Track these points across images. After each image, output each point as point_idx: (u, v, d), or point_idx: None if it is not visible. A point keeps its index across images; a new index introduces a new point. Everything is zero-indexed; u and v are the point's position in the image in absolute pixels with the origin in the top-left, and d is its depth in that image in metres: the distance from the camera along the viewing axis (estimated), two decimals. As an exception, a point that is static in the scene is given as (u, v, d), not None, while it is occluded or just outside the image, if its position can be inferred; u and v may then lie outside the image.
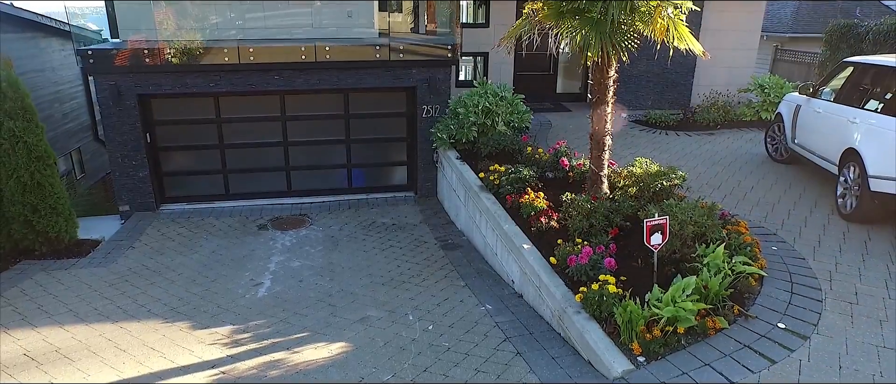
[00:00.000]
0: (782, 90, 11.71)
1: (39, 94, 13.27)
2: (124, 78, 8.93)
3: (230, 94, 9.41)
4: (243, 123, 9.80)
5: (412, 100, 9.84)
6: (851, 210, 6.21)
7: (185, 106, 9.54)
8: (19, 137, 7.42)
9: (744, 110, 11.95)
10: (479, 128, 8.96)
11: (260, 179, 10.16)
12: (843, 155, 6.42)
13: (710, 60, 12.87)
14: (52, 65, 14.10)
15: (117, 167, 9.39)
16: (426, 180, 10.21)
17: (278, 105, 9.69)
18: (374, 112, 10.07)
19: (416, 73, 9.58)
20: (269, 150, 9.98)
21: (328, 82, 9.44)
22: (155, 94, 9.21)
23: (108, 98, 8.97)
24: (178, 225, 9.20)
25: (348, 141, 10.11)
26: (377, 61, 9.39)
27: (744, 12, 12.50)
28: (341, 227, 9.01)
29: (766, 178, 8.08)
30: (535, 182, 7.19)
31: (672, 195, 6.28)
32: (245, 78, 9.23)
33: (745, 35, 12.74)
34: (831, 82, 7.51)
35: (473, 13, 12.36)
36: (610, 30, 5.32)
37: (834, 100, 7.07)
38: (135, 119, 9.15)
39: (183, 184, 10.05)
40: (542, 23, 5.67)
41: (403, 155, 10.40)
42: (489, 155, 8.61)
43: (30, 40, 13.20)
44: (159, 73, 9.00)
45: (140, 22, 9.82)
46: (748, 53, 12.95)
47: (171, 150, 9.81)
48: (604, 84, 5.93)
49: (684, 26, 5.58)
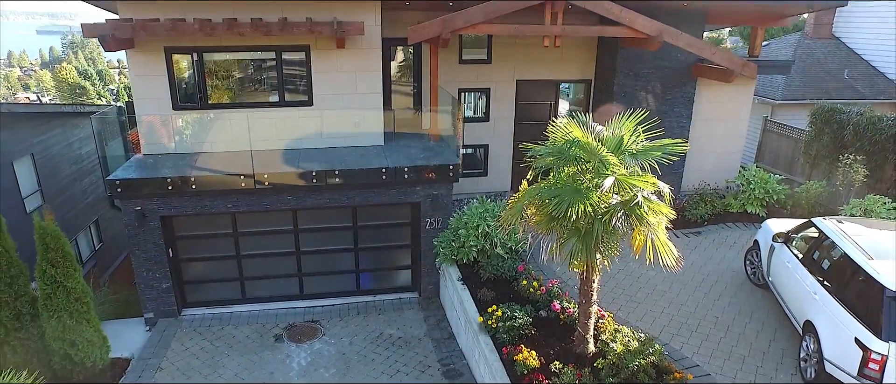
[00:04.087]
0: (766, 185, 12.38)
1: (64, 174, 14.05)
2: (148, 202, 9.63)
3: (246, 213, 10.10)
4: (259, 236, 10.50)
5: (416, 212, 10.52)
6: (811, 379, 6.89)
7: (205, 222, 10.23)
8: (60, 283, 8.15)
9: (731, 201, 12.61)
10: (478, 250, 9.66)
11: (274, 284, 10.88)
12: (805, 323, 7.10)
13: (700, 148, 13.58)
14: (71, 142, 14.81)
15: (142, 280, 10.12)
16: (429, 283, 10.93)
17: (291, 219, 10.39)
18: (380, 223, 10.78)
19: (419, 189, 10.26)
20: (282, 259, 10.69)
21: (337, 200, 10.13)
22: (176, 215, 9.91)
23: (133, 220, 9.68)
24: (200, 336, 9.96)
25: (357, 249, 10.82)
26: (383, 181, 10.05)
27: (732, 103, 13.09)
28: (351, 340, 9.75)
29: (741, 312, 8.71)
30: (529, 329, 7.89)
31: (647, 374, 6.84)
32: (260, 198, 9.91)
33: (733, 123, 13.34)
34: (802, 232, 8.15)
35: (474, 106, 12.97)
36: (595, 242, 5.99)
37: (801, 259, 7.71)
38: (158, 237, 9.87)
39: (203, 290, 10.77)
40: (534, 227, 6.34)
41: (408, 259, 11.11)
42: (488, 280, 9.33)
43: (56, 127, 13.91)
44: (180, 197, 9.69)
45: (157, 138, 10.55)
46: (736, 141, 13.56)
47: (191, 261, 10.53)
48: (589, 289, 6.62)
49: (664, 235, 6.20)
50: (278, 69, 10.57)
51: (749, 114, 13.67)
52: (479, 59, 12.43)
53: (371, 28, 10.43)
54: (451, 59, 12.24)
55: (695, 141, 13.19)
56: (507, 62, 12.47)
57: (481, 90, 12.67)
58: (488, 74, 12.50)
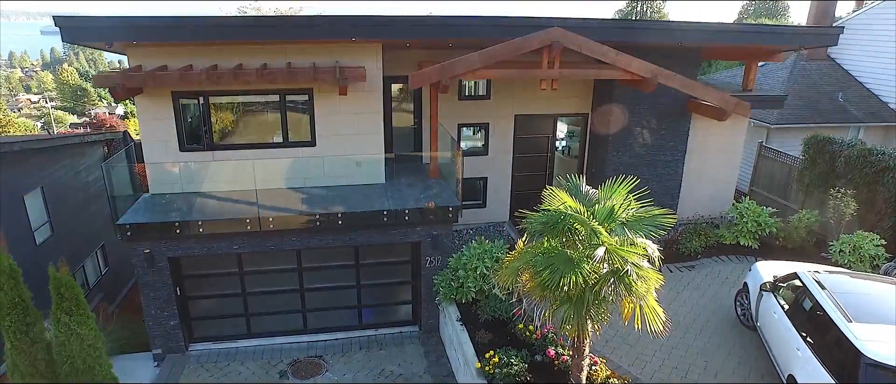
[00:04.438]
0: (759, 218, 12.67)
1: (72, 202, 14.37)
2: (157, 245, 9.94)
3: (252, 254, 10.41)
4: (263, 274, 10.81)
5: (417, 251, 10.82)
6: (794, 433, 7.20)
7: (211, 262, 10.54)
8: (74, 331, 8.46)
9: (724, 232, 12.91)
10: (476, 290, 9.97)
11: (279, 319, 11.19)
12: (788, 377, 7.40)
13: (695, 180, 13.86)
14: (79, 170, 15.12)
15: (151, 317, 10.44)
16: (429, 317, 11.24)
17: (295, 258, 10.69)
18: (382, 261, 11.09)
19: (420, 230, 10.56)
20: (286, 296, 11.00)
21: (340, 241, 10.43)
22: (184, 256, 10.22)
23: (142, 262, 9.99)
24: (207, 372, 10.28)
25: (359, 286, 11.13)
26: (385, 223, 10.35)
27: (727, 136, 13.37)
28: (354, 376, 10.06)
29: (730, 356, 9.00)
30: (524, 375, 8.20)
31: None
32: (265, 240, 10.22)
33: (727, 156, 13.63)
34: (788, 281, 8.44)
35: (474, 140, 13.26)
36: (585, 309, 6.29)
37: (786, 311, 8.00)
38: (166, 277, 10.18)
39: (209, 325, 11.09)
40: (528, 292, 6.64)
41: (409, 295, 11.43)
42: (486, 323, 9.65)
43: (65, 157, 14.23)
44: (187, 239, 9.99)
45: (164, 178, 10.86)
46: (731, 172, 13.86)
47: (198, 298, 10.84)
48: (581, 345, 6.92)
49: (653, 300, 6.48)
50: (282, 111, 10.86)
51: (743, 146, 13.98)
52: (479, 95, 12.72)
53: (372, 71, 10.72)
54: (451, 95, 12.52)
55: (690, 172, 13.48)
56: (505, 98, 12.76)
57: (480, 125, 12.96)
58: (487, 110, 12.79)
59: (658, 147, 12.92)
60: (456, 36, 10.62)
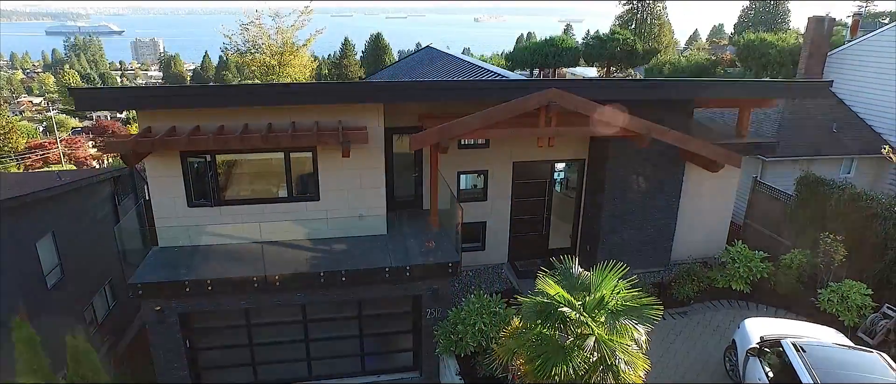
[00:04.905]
0: (750, 263, 13.02)
1: (82, 242, 14.71)
2: (167, 302, 10.32)
3: (259, 309, 10.79)
4: (270, 326, 11.19)
5: (418, 303, 11.19)
6: None
7: (220, 316, 10.92)
8: (89, 393, 8.88)
9: (716, 276, 13.24)
10: (475, 345, 10.33)
11: (284, 367, 11.57)
12: (773, 448, 7.78)
13: (689, 223, 14.16)
14: (88, 209, 15.46)
15: (160, 368, 10.82)
16: (428, 364, 11.61)
17: (300, 311, 11.07)
18: (384, 312, 11.47)
19: (421, 284, 10.92)
20: (292, 346, 11.38)
21: (344, 295, 10.80)
22: (193, 311, 10.59)
23: (154, 319, 10.37)
24: (216, 422, 10.66)
25: (361, 335, 11.51)
26: (387, 278, 10.70)
27: (720, 181, 13.69)
28: (357, 428, 10.46)
29: (719, 413, 9.43)
30: (520, 439, 8.58)
31: None
32: (271, 296, 10.59)
33: (721, 199, 13.98)
34: (774, 348, 8.79)
35: (473, 186, 13.59)
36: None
37: (770, 380, 8.36)
38: (176, 331, 10.56)
39: (217, 374, 11.47)
40: (523, 376, 7.01)
41: (410, 343, 11.81)
42: (484, 379, 10.01)
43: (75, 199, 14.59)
44: (197, 296, 10.36)
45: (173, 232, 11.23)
46: (724, 213, 14.20)
47: (207, 349, 11.23)
48: None
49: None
50: (287, 168, 11.21)
51: (736, 189, 14.30)
52: (478, 144, 13.04)
53: (374, 129, 11.06)
54: (451, 145, 12.83)
55: (684, 216, 13.82)
56: (504, 146, 13.08)
57: (480, 172, 13.30)
58: (486, 158, 13.12)
59: (653, 192, 13.26)
60: (458, 99, 10.97)
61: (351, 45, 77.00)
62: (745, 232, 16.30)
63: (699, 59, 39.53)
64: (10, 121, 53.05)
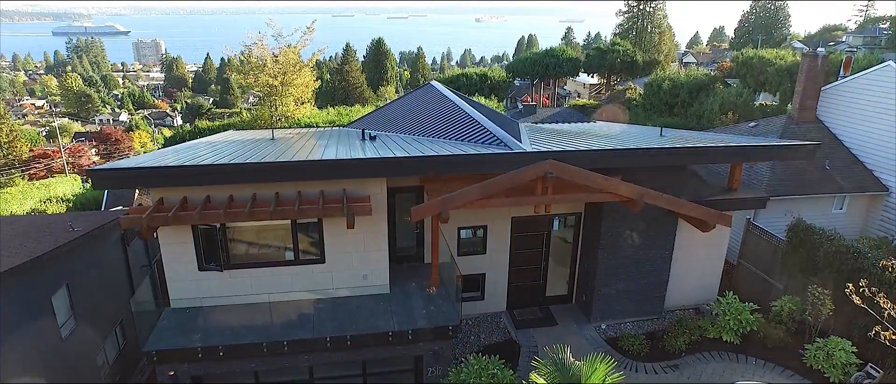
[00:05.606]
0: (740, 316, 13.46)
1: (95, 286, 15.13)
2: (180, 366, 10.80)
3: (267, 370, 11.28)
4: (278, 386, 11.70)
5: (420, 363, 11.67)
6: None
7: (231, 377, 11.40)
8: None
9: (708, 326, 13.69)
10: (475, 408, 10.82)
11: (292, 422, 12.08)
12: None
13: (682, 274, 14.61)
14: (99, 256, 15.87)
15: (175, 428, 11.32)
16: (431, 419, 12.12)
17: (307, 372, 11.55)
18: (387, 370, 11.94)
19: (422, 345, 11.40)
20: (300, 402, 11.89)
21: (349, 357, 11.27)
22: (205, 375, 11.08)
23: (167, 382, 10.85)
24: None
25: (366, 394, 12.01)
26: (391, 341, 11.17)
27: (712, 233, 14.10)
28: None
29: None
30: None
31: None
32: (279, 360, 11.07)
33: (712, 250, 14.41)
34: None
35: (472, 240, 14.03)
36: None
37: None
38: (189, 394, 11.06)
39: (228, 430, 11.98)
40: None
41: (412, 400, 12.31)
42: (483, 442, 10.51)
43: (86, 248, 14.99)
44: (208, 361, 10.84)
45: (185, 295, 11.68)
46: (716, 263, 14.64)
47: (219, 408, 11.73)
48: None
49: None
50: (293, 234, 11.65)
51: (728, 241, 14.73)
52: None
53: (377, 196, 11.50)
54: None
55: (677, 265, 14.27)
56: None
57: (479, 227, 13.73)
58: (485, 214, 13.54)
59: (646, 246, 13.70)
60: (458, 172, 11.41)
61: (353, 50, 77.50)
62: (738, 271, 16.74)
63: (698, 75, 39.81)
64: (14, 128, 53.53)
